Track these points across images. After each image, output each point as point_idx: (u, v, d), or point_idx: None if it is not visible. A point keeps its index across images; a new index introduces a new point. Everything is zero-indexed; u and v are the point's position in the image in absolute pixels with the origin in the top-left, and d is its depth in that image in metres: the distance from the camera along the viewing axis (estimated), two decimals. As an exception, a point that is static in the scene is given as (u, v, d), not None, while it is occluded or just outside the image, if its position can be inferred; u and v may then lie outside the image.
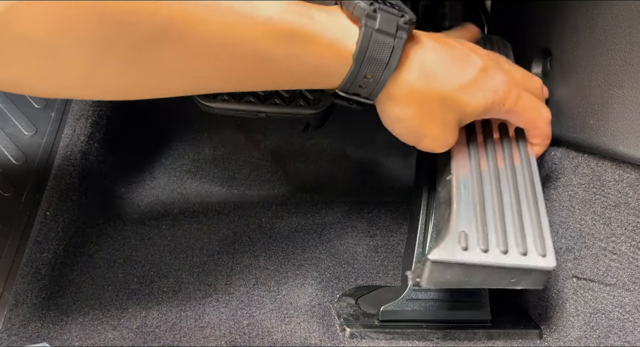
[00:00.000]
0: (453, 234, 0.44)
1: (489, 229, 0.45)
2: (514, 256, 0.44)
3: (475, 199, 0.47)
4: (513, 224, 0.46)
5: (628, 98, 0.50)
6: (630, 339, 0.49)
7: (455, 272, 0.44)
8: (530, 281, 0.45)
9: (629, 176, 0.51)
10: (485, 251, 0.44)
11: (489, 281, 0.45)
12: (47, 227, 0.58)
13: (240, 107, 0.55)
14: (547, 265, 0.44)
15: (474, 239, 0.44)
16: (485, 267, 0.44)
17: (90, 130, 0.67)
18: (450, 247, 0.44)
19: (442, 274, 0.44)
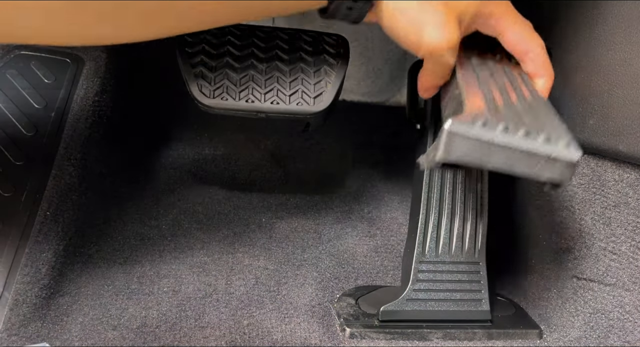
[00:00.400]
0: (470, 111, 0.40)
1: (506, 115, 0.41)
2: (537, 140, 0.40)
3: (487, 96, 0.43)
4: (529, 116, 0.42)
5: (628, 98, 0.50)
6: (630, 339, 0.49)
7: (474, 148, 0.40)
8: (555, 171, 0.41)
9: (629, 176, 0.51)
10: (506, 130, 0.40)
11: (511, 163, 0.40)
12: (47, 227, 0.58)
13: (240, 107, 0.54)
14: (573, 155, 0.40)
15: (492, 120, 0.40)
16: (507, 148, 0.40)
17: (90, 131, 0.67)
18: (469, 121, 0.39)
19: (459, 147, 0.40)
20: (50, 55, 0.69)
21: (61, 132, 0.65)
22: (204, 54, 0.55)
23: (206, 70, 0.54)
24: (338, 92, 0.58)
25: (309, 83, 0.56)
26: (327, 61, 0.58)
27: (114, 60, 0.73)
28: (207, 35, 0.56)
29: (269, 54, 0.57)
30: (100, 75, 0.71)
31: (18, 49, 0.68)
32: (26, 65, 0.68)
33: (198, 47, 0.55)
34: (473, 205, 0.58)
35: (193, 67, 0.54)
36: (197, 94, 0.54)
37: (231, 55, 0.56)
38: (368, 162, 0.83)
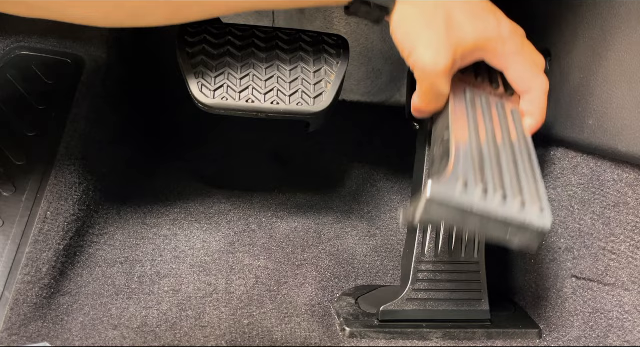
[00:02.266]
0: (453, 174, 0.42)
1: (487, 177, 0.43)
2: (513, 205, 0.42)
3: (474, 152, 0.45)
4: (510, 177, 0.44)
5: (627, 98, 0.50)
6: (630, 338, 0.49)
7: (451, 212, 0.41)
8: (525, 238, 0.43)
9: (628, 175, 0.52)
10: (484, 194, 0.42)
11: (484, 228, 0.43)
12: (47, 227, 0.58)
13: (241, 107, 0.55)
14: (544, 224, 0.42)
15: (472, 182, 0.42)
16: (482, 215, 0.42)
17: (90, 131, 0.67)
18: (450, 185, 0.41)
19: (437, 212, 0.41)
20: (50, 56, 0.69)
21: (61, 132, 0.65)
22: (204, 54, 0.55)
23: (206, 70, 0.54)
24: (338, 92, 0.58)
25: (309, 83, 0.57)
26: (327, 61, 0.58)
27: (114, 60, 0.74)
28: (207, 36, 0.56)
29: (269, 54, 0.57)
30: (101, 75, 0.71)
31: (18, 50, 0.68)
32: (26, 65, 0.68)
33: (198, 47, 0.55)
34: None
35: (193, 67, 0.54)
36: (197, 94, 0.54)
37: (231, 55, 0.56)
38: (368, 162, 0.83)
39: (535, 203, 0.43)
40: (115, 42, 0.74)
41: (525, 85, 0.51)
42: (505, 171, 0.45)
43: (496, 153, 0.46)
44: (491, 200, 0.42)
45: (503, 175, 0.44)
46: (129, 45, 0.79)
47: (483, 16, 0.47)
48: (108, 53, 0.73)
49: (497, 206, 0.42)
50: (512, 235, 0.43)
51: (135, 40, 0.81)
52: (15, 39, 0.69)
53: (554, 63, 0.62)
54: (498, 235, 0.43)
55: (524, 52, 0.50)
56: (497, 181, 0.43)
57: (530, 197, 0.43)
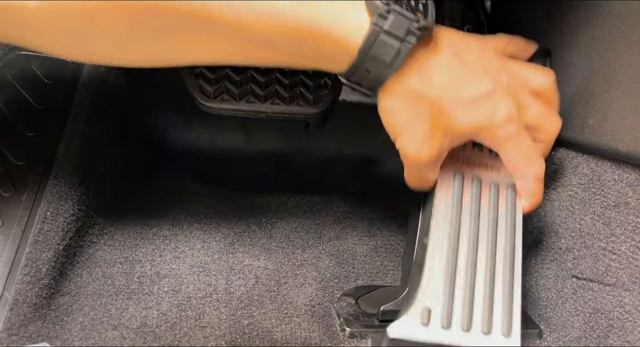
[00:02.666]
0: (417, 310, 0.45)
1: (455, 306, 0.45)
2: (475, 335, 0.44)
3: (448, 269, 0.47)
4: (483, 299, 0.46)
5: (628, 98, 0.50)
6: (630, 338, 0.49)
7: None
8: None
9: (629, 175, 0.52)
10: (446, 329, 0.44)
11: None
12: (47, 227, 0.58)
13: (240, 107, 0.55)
14: (510, 345, 0.44)
15: (437, 316, 0.45)
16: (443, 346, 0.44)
17: (90, 130, 0.67)
18: (412, 323, 0.44)
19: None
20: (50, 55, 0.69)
21: (61, 132, 0.65)
22: (204, 54, 0.55)
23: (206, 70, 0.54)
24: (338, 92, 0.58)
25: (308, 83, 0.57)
26: (327, 61, 0.58)
27: (114, 60, 0.73)
28: (207, 36, 0.56)
29: (269, 54, 0.57)
30: (101, 75, 0.71)
31: (18, 49, 0.68)
32: (26, 66, 0.68)
33: (198, 47, 0.55)
34: None
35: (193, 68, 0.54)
36: (197, 94, 0.54)
37: (231, 55, 0.56)
38: (368, 162, 0.83)
39: (503, 328, 0.45)
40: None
41: (518, 171, 0.50)
42: (478, 291, 0.46)
43: (473, 264, 0.47)
44: (454, 333, 0.44)
45: (475, 297, 0.46)
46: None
47: (476, 104, 0.44)
48: (108, 53, 0.73)
49: (459, 339, 0.44)
50: None
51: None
52: (15, 39, 0.69)
53: (554, 63, 0.61)
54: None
55: (519, 136, 0.47)
56: (466, 311, 0.45)
57: (499, 323, 0.45)
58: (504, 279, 0.47)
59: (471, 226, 0.49)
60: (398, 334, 0.44)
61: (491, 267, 0.48)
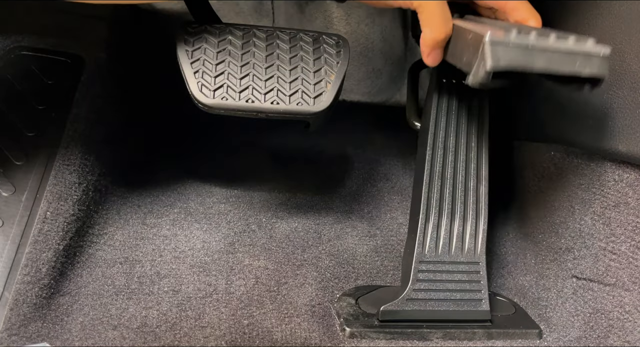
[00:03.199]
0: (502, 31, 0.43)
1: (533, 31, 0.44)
2: (569, 41, 0.44)
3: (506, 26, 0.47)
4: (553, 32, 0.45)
5: (628, 98, 0.50)
6: (630, 339, 0.49)
7: (516, 53, 0.42)
8: (594, 66, 0.44)
9: (629, 176, 0.52)
10: (540, 35, 0.43)
11: (553, 63, 0.44)
12: (46, 227, 0.58)
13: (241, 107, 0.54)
14: (604, 50, 0.44)
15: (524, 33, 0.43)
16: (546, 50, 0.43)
17: (90, 131, 0.67)
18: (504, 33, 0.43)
19: (505, 53, 0.42)
20: (50, 56, 0.69)
21: (61, 132, 0.65)
22: (204, 54, 0.55)
23: (206, 70, 0.54)
24: (338, 92, 0.58)
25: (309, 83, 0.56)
26: (327, 61, 0.58)
27: (114, 60, 0.73)
28: (207, 35, 0.56)
29: (269, 54, 0.57)
30: (101, 75, 0.71)
31: (18, 49, 0.68)
32: (26, 66, 0.68)
33: (198, 47, 0.55)
34: (473, 205, 0.58)
35: (193, 67, 0.54)
36: (197, 94, 0.54)
37: (231, 55, 0.56)
38: (368, 162, 0.83)
39: (587, 39, 0.44)
40: (115, 42, 0.74)
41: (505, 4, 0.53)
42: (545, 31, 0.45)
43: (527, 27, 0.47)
44: (547, 38, 0.43)
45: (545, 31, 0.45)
46: (129, 45, 0.79)
47: None
48: (108, 53, 0.73)
49: (556, 42, 0.43)
50: (580, 65, 0.44)
51: (135, 40, 0.81)
52: (15, 39, 0.69)
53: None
54: (568, 68, 0.44)
55: None
56: (545, 31, 0.44)
57: (580, 37, 0.44)
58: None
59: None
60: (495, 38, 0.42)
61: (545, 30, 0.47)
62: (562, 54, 0.43)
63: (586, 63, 0.44)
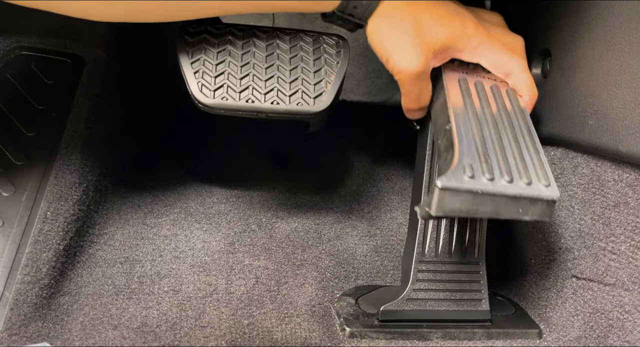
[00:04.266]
0: (459, 164, 0.45)
1: (492, 162, 0.46)
2: (519, 185, 0.45)
3: (476, 138, 0.47)
4: (514, 158, 0.47)
5: (628, 98, 0.50)
6: (630, 338, 0.49)
7: (463, 200, 0.44)
8: (537, 211, 0.45)
9: (629, 175, 0.52)
10: (491, 180, 0.44)
11: (498, 210, 0.45)
12: (47, 227, 0.58)
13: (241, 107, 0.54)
14: (552, 194, 0.45)
15: (479, 169, 0.45)
16: (494, 196, 0.44)
17: (90, 131, 0.67)
18: (458, 175, 0.44)
19: (451, 201, 0.44)
20: (50, 56, 0.69)
21: (61, 132, 0.65)
22: (204, 54, 0.55)
23: (206, 70, 0.54)
24: (338, 92, 0.58)
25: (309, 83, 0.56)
26: (327, 61, 0.58)
27: (114, 60, 0.73)
28: (207, 36, 0.56)
29: (269, 54, 0.57)
30: (101, 75, 0.71)
31: (18, 49, 0.68)
32: (26, 65, 0.68)
33: (198, 47, 0.55)
34: None
35: (193, 67, 0.54)
36: (197, 94, 0.54)
37: (231, 55, 0.56)
38: (368, 162, 0.83)
39: (541, 180, 0.45)
40: (115, 42, 0.74)
41: (501, 70, 0.54)
42: (509, 153, 0.47)
43: (497, 136, 0.48)
44: (499, 182, 0.44)
45: (507, 158, 0.46)
46: (129, 45, 0.79)
47: (448, 19, 0.51)
48: (108, 53, 0.73)
49: (505, 188, 0.44)
50: (523, 211, 0.45)
51: (135, 40, 0.81)
52: (15, 39, 0.69)
53: (554, 63, 0.62)
54: (511, 214, 0.45)
55: (491, 41, 0.53)
56: (503, 165, 0.45)
57: (536, 176, 0.45)
58: (527, 144, 0.49)
59: (484, 105, 0.51)
60: (447, 183, 0.43)
61: (513, 136, 0.49)
62: (508, 198, 0.44)
63: (530, 209, 0.45)
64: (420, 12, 0.50)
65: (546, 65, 0.64)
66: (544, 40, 0.63)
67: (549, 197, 0.45)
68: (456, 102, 0.51)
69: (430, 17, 0.51)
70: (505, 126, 0.50)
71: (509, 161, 0.46)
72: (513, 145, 0.48)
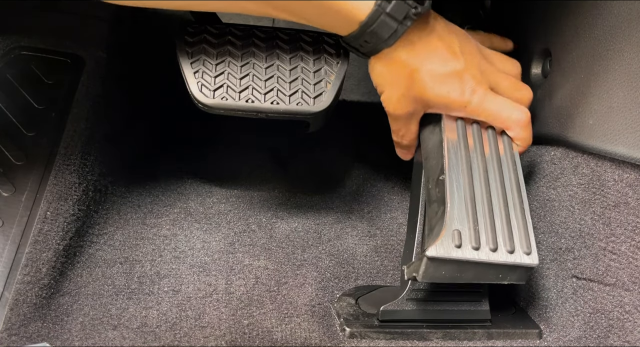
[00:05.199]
0: (448, 232, 0.48)
1: (480, 228, 0.49)
2: (502, 253, 0.48)
3: (467, 199, 0.50)
4: (501, 223, 0.50)
5: (628, 98, 0.50)
6: (630, 339, 0.49)
7: (449, 268, 0.48)
8: (515, 276, 0.50)
9: (629, 175, 0.52)
10: (476, 249, 0.48)
11: (479, 277, 0.49)
12: (46, 227, 0.58)
13: (240, 107, 0.54)
14: (531, 262, 0.49)
15: (466, 237, 0.48)
16: (477, 264, 0.48)
17: (90, 131, 0.67)
18: (446, 244, 0.48)
19: (437, 270, 0.48)
20: (50, 56, 0.69)
21: (61, 132, 0.65)
22: (204, 54, 0.55)
23: (206, 70, 0.54)
24: (338, 92, 0.58)
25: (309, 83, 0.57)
26: (327, 61, 0.58)
27: (114, 60, 0.73)
28: (207, 35, 0.56)
29: (269, 54, 0.57)
30: (101, 75, 0.71)
31: (18, 49, 0.68)
32: (26, 65, 0.68)
33: (198, 47, 0.55)
34: None
35: (193, 67, 0.54)
36: (197, 94, 0.54)
37: (231, 55, 0.56)
38: (368, 162, 0.83)
39: (523, 247, 0.49)
40: (115, 42, 0.74)
41: (501, 125, 0.55)
42: (497, 216, 0.51)
43: (488, 194, 0.51)
44: (482, 253, 0.48)
45: (495, 222, 0.50)
46: (129, 45, 0.79)
47: (448, 82, 0.51)
48: (108, 53, 0.73)
49: (488, 256, 0.48)
50: (503, 276, 0.50)
51: (135, 40, 0.81)
52: (15, 39, 0.69)
53: (554, 63, 0.61)
54: (491, 280, 0.50)
55: (492, 98, 0.53)
56: (489, 231, 0.50)
57: (519, 242, 0.50)
58: (515, 205, 0.51)
59: (479, 163, 0.53)
60: (435, 253, 0.47)
61: (503, 195, 0.52)
62: (490, 266, 0.49)
63: (509, 274, 0.50)
64: (419, 68, 0.51)
65: (546, 65, 0.64)
66: (544, 40, 0.63)
67: (528, 265, 0.49)
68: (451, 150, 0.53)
69: (429, 76, 0.51)
70: (496, 179, 0.53)
71: (496, 226, 0.50)
72: (502, 205, 0.51)
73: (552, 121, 0.60)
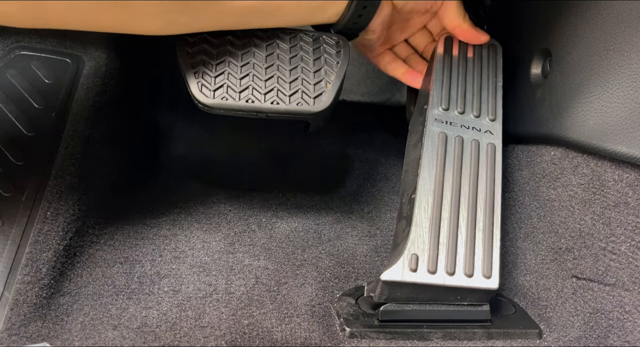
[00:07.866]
0: (406, 256, 0.51)
1: (440, 252, 0.51)
2: (459, 277, 0.51)
3: (433, 221, 0.52)
4: (464, 247, 0.52)
5: (628, 98, 0.50)
6: (630, 339, 0.49)
7: (405, 291, 0.51)
8: (475, 297, 0.52)
9: (629, 175, 0.52)
10: (432, 273, 0.51)
11: (437, 298, 0.52)
12: (47, 227, 0.58)
13: (241, 107, 0.54)
14: (490, 286, 0.51)
15: (424, 261, 0.50)
16: (433, 287, 0.51)
17: (90, 131, 0.67)
18: (401, 268, 0.50)
19: (392, 292, 0.52)
20: (50, 55, 0.69)
21: (61, 132, 0.65)
22: (204, 54, 0.55)
23: (206, 70, 0.54)
24: (338, 92, 0.58)
25: (309, 83, 0.56)
26: (327, 61, 0.58)
27: (114, 60, 0.74)
28: (207, 35, 0.56)
29: (269, 54, 0.57)
30: (100, 75, 0.71)
31: (18, 49, 0.68)
32: (26, 65, 0.68)
33: (198, 47, 0.55)
34: None
35: (193, 67, 0.54)
36: (197, 94, 0.54)
37: (231, 55, 0.56)
38: (368, 162, 0.83)
39: (484, 271, 0.51)
40: (115, 42, 0.74)
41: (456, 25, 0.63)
42: (460, 242, 0.52)
43: (455, 221, 0.53)
44: (438, 277, 0.50)
45: (457, 247, 0.52)
46: (129, 45, 0.79)
47: None
48: (108, 53, 0.73)
49: (444, 280, 0.50)
50: (462, 297, 0.52)
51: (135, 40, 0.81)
52: (15, 39, 0.69)
53: (554, 63, 0.62)
54: (449, 300, 0.52)
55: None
56: (449, 256, 0.51)
57: (480, 267, 0.51)
58: (485, 227, 0.53)
59: (454, 182, 0.55)
60: (389, 277, 0.50)
61: (472, 218, 0.53)
62: (447, 288, 0.51)
63: (467, 296, 0.52)
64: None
65: (546, 65, 0.64)
66: (544, 40, 0.63)
67: (487, 288, 0.51)
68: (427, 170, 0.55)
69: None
70: (468, 201, 0.54)
71: (457, 250, 0.52)
72: (469, 228, 0.53)
73: (552, 121, 0.60)
